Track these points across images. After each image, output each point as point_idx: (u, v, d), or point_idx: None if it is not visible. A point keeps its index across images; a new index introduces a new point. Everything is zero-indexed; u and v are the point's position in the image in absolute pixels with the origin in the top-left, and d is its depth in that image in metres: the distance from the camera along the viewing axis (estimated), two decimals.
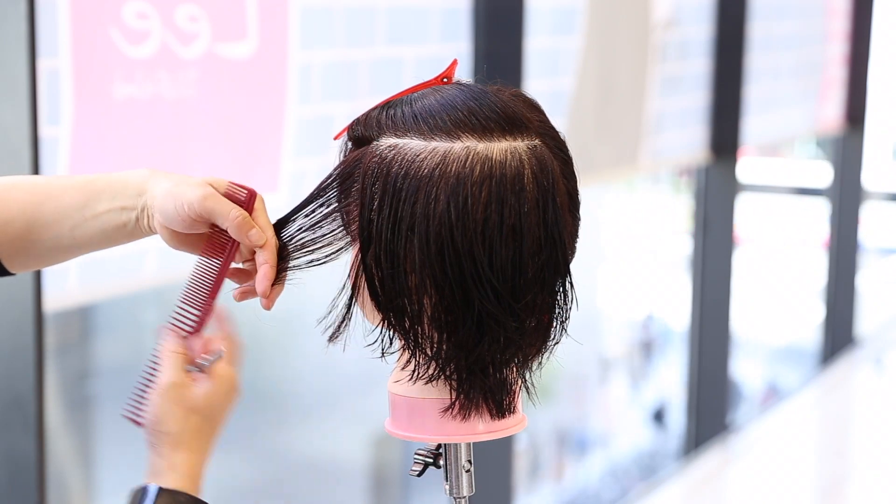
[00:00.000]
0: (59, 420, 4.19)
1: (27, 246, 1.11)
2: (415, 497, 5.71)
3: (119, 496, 3.78)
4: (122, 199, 1.08)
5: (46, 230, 1.10)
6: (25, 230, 1.09)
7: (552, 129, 1.04)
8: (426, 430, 1.06)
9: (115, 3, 2.06)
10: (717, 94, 4.24)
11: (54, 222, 1.09)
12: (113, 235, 1.10)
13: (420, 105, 1.03)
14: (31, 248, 1.11)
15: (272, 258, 1.08)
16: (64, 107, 2.00)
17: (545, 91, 3.24)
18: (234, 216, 1.06)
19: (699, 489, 4.26)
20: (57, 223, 1.09)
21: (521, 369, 1.05)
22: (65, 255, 1.13)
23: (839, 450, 4.81)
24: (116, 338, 4.77)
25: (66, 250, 1.12)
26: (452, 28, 2.87)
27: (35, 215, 1.09)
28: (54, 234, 1.10)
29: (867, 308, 6.47)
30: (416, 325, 1.01)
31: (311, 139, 2.45)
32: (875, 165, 7.36)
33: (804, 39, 5.04)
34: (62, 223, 1.09)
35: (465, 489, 1.10)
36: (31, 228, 1.10)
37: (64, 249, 1.12)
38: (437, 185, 0.98)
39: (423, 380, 1.03)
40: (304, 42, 2.43)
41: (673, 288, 8.01)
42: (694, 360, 4.55)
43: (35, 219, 1.09)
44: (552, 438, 7.75)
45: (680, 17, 4.00)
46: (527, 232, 0.99)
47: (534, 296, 1.00)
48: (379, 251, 1.00)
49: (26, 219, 1.09)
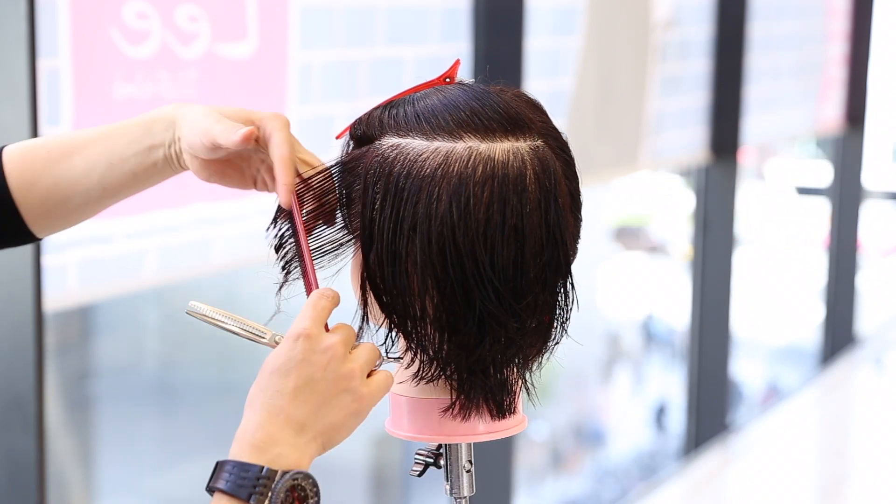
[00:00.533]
0: (59, 420, 4.19)
1: (56, 205, 1.09)
2: (415, 497, 5.71)
3: (119, 496, 3.78)
4: (150, 137, 1.07)
5: (75, 185, 1.09)
6: (53, 188, 1.08)
7: (554, 130, 1.04)
8: (427, 431, 1.06)
9: (115, 3, 2.06)
10: (717, 94, 4.24)
11: (83, 176, 1.08)
12: (143, 177, 1.09)
13: (422, 105, 1.03)
14: (59, 207, 1.10)
15: (282, 141, 1.04)
16: (64, 107, 2.00)
17: (545, 91, 3.24)
18: (236, 130, 1.04)
19: (699, 489, 4.25)
20: (86, 176, 1.08)
21: (522, 370, 1.05)
22: (95, 208, 1.12)
23: (839, 450, 4.81)
24: (116, 338, 4.77)
25: (97, 202, 1.11)
26: (452, 28, 2.87)
27: (62, 172, 1.08)
28: (84, 188, 1.09)
29: (867, 308, 6.47)
30: (418, 325, 1.01)
31: (311, 139, 2.44)
32: (875, 165, 7.36)
33: (804, 39, 5.04)
34: (90, 175, 1.08)
35: (466, 489, 1.10)
36: (59, 185, 1.08)
37: (95, 201, 1.10)
38: (439, 185, 0.98)
39: (425, 380, 1.03)
40: (304, 42, 2.43)
41: (673, 288, 8.01)
42: (694, 360, 4.55)
43: (62, 176, 1.08)
44: (569, 431, 7.82)
45: (680, 17, 4.00)
46: (529, 232, 0.98)
47: (535, 296, 1.00)
48: (381, 251, 1.00)
49: (53, 177, 1.08)
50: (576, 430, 7.98)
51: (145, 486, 4.75)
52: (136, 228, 2.16)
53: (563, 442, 7.81)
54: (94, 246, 2.10)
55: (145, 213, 2.16)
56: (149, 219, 2.18)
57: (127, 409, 4.69)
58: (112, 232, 2.12)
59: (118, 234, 2.14)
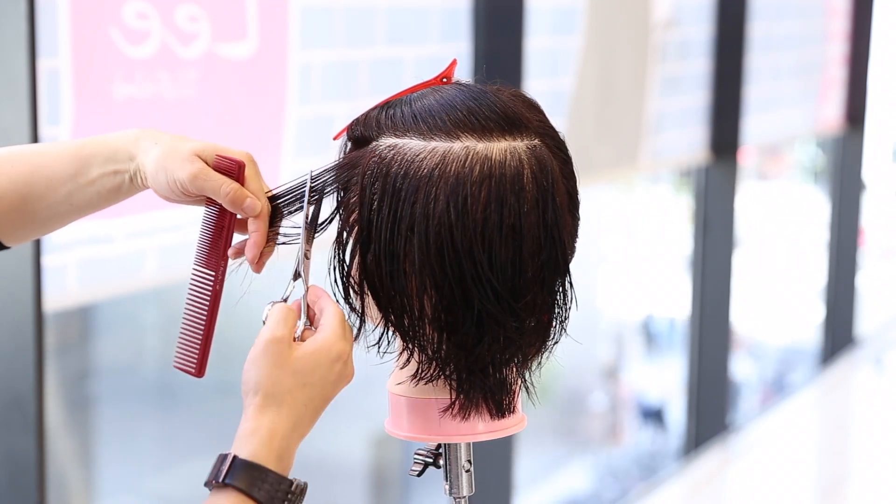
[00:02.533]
0: (59, 420, 4.19)
1: (23, 217, 1.10)
2: (415, 497, 5.72)
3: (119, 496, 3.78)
4: (114, 163, 1.07)
5: (41, 200, 1.09)
6: (20, 202, 1.08)
7: (552, 129, 1.04)
8: (426, 430, 1.06)
9: (115, 3, 2.06)
10: (717, 94, 4.24)
11: (49, 191, 1.08)
12: (109, 197, 1.09)
13: (419, 105, 1.03)
14: (27, 219, 1.10)
15: (263, 226, 1.06)
16: (64, 107, 2.00)
17: (545, 91, 3.24)
18: (226, 191, 1.05)
19: (699, 489, 4.25)
20: (52, 191, 1.08)
21: (521, 369, 1.05)
22: (62, 222, 1.12)
23: (839, 450, 4.81)
24: (116, 338, 4.77)
25: (64, 216, 1.11)
26: (452, 28, 2.87)
27: (28, 186, 1.08)
28: (50, 202, 1.09)
29: (867, 308, 6.47)
30: (416, 325, 1.01)
31: (311, 139, 2.44)
32: (875, 165, 7.36)
33: (804, 39, 5.04)
34: (57, 191, 1.08)
35: (465, 489, 1.10)
36: (26, 199, 1.09)
37: (61, 216, 1.11)
38: (436, 185, 0.98)
39: (424, 380, 1.03)
40: (304, 42, 2.43)
41: (673, 288, 8.01)
42: (694, 360, 4.55)
43: (29, 190, 1.08)
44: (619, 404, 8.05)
45: (680, 17, 4.00)
46: (526, 232, 0.99)
47: (533, 296, 1.00)
48: (378, 251, 1.00)
49: (19, 190, 1.08)
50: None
51: (145, 486, 4.75)
52: (136, 228, 2.16)
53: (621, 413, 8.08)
54: (94, 246, 2.10)
55: (145, 213, 2.16)
56: (149, 219, 2.18)
57: (127, 409, 4.69)
58: (112, 232, 2.12)
59: (118, 234, 2.14)
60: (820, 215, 6.76)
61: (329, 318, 1.01)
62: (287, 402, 0.97)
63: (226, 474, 0.94)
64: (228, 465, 0.95)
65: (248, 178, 1.06)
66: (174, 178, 1.04)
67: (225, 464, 0.95)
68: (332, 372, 0.99)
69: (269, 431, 0.96)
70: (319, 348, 0.99)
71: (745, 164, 4.88)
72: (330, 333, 1.00)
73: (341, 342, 1.00)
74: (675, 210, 8.44)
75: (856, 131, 5.65)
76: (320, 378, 0.99)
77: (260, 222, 1.06)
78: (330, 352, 0.99)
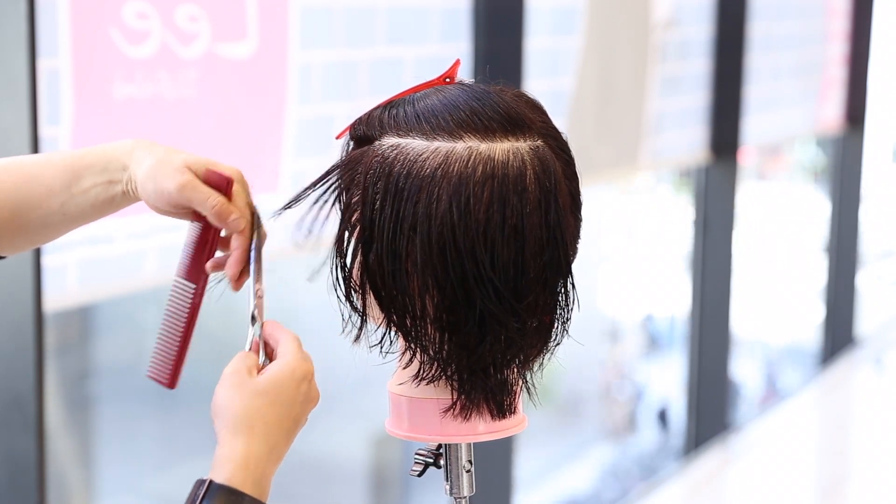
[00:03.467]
0: (59, 420, 4.19)
1: (16, 228, 1.10)
2: (415, 497, 5.72)
3: (119, 496, 3.79)
4: (108, 173, 1.08)
5: (34, 210, 1.09)
6: (13, 213, 1.09)
7: (554, 130, 1.04)
8: (427, 431, 1.06)
9: (115, 3, 2.06)
10: (717, 94, 4.24)
11: (43, 202, 1.08)
12: (103, 208, 1.10)
13: (422, 105, 1.02)
14: (20, 230, 1.10)
15: (245, 243, 1.06)
16: (64, 107, 2.00)
17: (545, 91, 3.24)
18: (212, 204, 1.04)
19: (699, 489, 4.25)
20: (45, 202, 1.08)
21: (522, 370, 1.05)
22: (56, 232, 1.13)
23: (839, 450, 4.81)
24: (116, 338, 4.77)
25: (57, 227, 1.11)
26: (452, 28, 2.87)
27: (22, 197, 1.08)
28: (44, 212, 1.09)
29: (867, 308, 6.47)
30: (418, 325, 1.01)
31: (311, 139, 2.44)
32: (875, 165, 7.36)
33: (804, 39, 5.04)
34: (50, 202, 1.08)
35: (466, 489, 1.10)
36: (19, 211, 1.09)
37: (55, 226, 1.11)
38: (439, 185, 0.98)
39: (425, 380, 1.03)
40: (304, 42, 2.43)
41: (673, 288, 8.01)
42: (694, 360, 4.55)
43: (22, 201, 1.08)
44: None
45: (680, 17, 4.00)
46: (529, 232, 0.98)
47: (535, 296, 1.00)
48: (381, 251, 1.00)
49: (13, 201, 1.08)
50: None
51: (145, 486, 4.75)
52: (136, 228, 2.16)
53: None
54: (94, 246, 2.10)
55: (145, 213, 2.16)
56: (149, 219, 2.17)
57: (127, 409, 4.69)
58: (112, 232, 2.12)
59: (118, 234, 2.14)
60: (820, 215, 6.76)
61: (286, 345, 1.03)
62: (258, 424, 0.98)
63: (202, 499, 0.95)
64: (205, 490, 0.95)
65: (236, 194, 1.06)
66: (162, 187, 1.04)
67: (201, 489, 0.95)
68: (299, 392, 1.01)
69: (244, 456, 0.97)
70: (281, 370, 1.01)
71: (744, 164, 4.88)
72: (290, 357, 1.02)
73: (304, 363, 1.02)
74: (675, 210, 8.44)
75: (856, 131, 5.65)
76: (288, 398, 1.00)
77: (243, 239, 1.06)
78: (294, 372, 1.01)
